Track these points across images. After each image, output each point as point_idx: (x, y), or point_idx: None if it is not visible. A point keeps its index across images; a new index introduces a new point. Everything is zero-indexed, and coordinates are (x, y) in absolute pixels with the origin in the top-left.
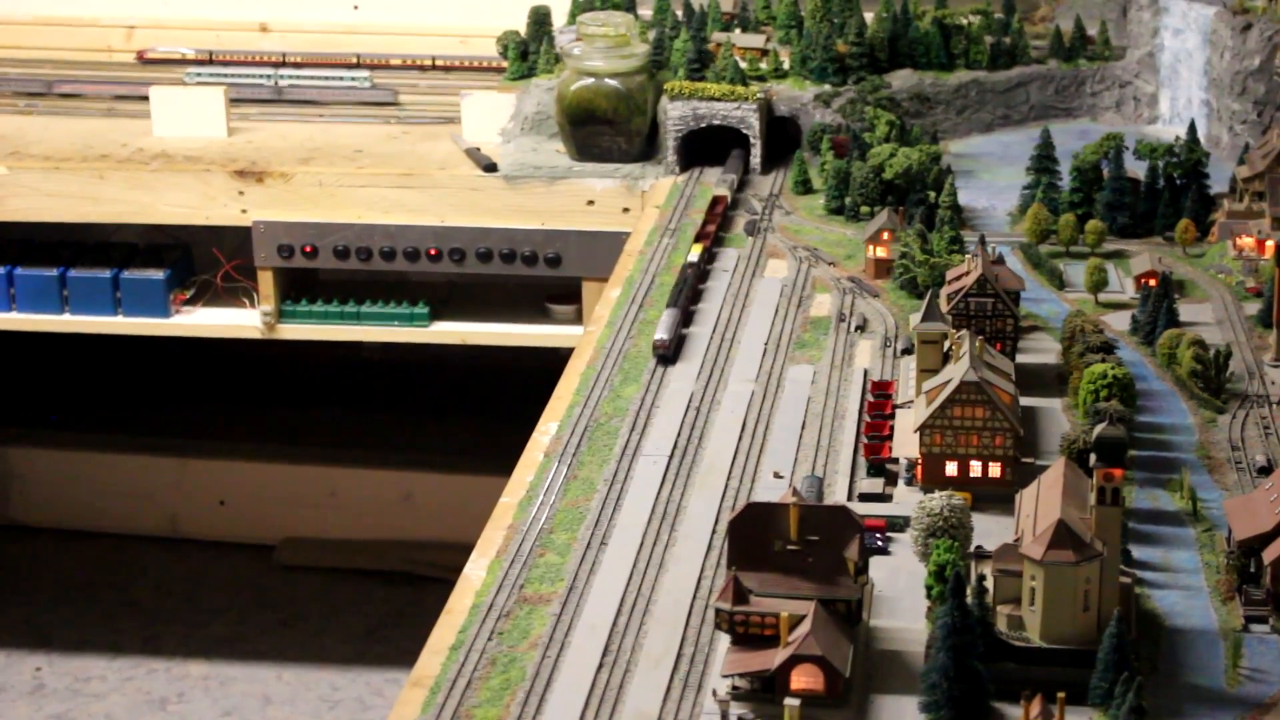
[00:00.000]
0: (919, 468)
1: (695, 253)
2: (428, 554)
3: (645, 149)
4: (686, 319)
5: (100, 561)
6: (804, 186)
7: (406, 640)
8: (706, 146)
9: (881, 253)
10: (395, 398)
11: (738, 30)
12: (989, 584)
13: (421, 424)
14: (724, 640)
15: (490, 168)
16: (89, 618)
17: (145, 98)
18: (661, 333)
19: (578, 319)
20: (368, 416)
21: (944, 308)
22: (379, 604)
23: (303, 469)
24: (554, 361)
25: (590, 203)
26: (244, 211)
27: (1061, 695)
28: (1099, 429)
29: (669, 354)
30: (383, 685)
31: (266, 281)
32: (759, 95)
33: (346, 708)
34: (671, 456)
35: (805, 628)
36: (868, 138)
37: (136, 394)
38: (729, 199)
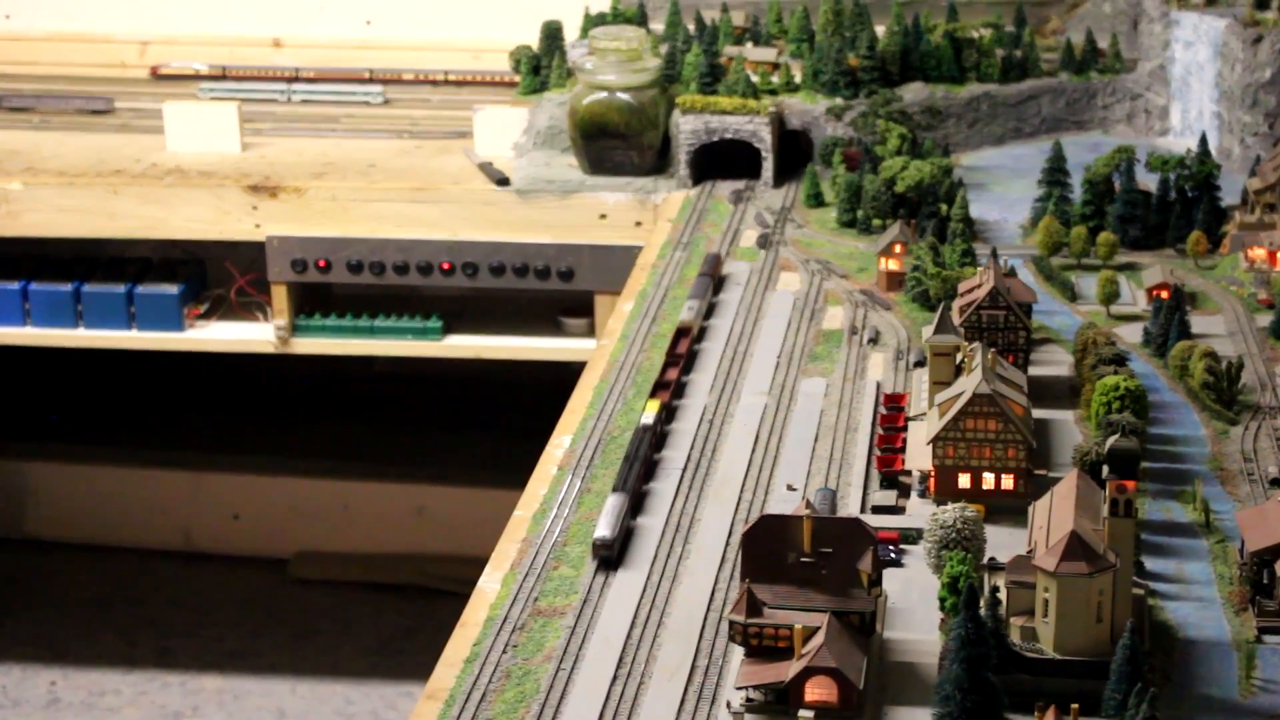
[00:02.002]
0: (932, 480)
1: (650, 412)
2: (441, 567)
3: (657, 162)
4: (636, 505)
5: (114, 576)
6: (816, 200)
7: (420, 653)
8: (718, 160)
9: (894, 265)
10: (408, 411)
11: (749, 44)
12: (1002, 596)
13: (434, 437)
14: (738, 652)
15: (503, 182)
16: (103, 632)
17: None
18: (603, 529)
19: (590, 332)
20: (381, 430)
21: (956, 320)
22: (392, 617)
23: (316, 483)
24: (567, 375)
25: (603, 216)
26: (258, 226)
27: (1075, 706)
28: (1111, 441)
29: (613, 555)
30: (396, 698)
31: (280, 296)
32: (771, 109)
33: None
34: (685, 469)
35: (819, 639)
36: (879, 151)
37: (150, 408)
38: (695, 330)
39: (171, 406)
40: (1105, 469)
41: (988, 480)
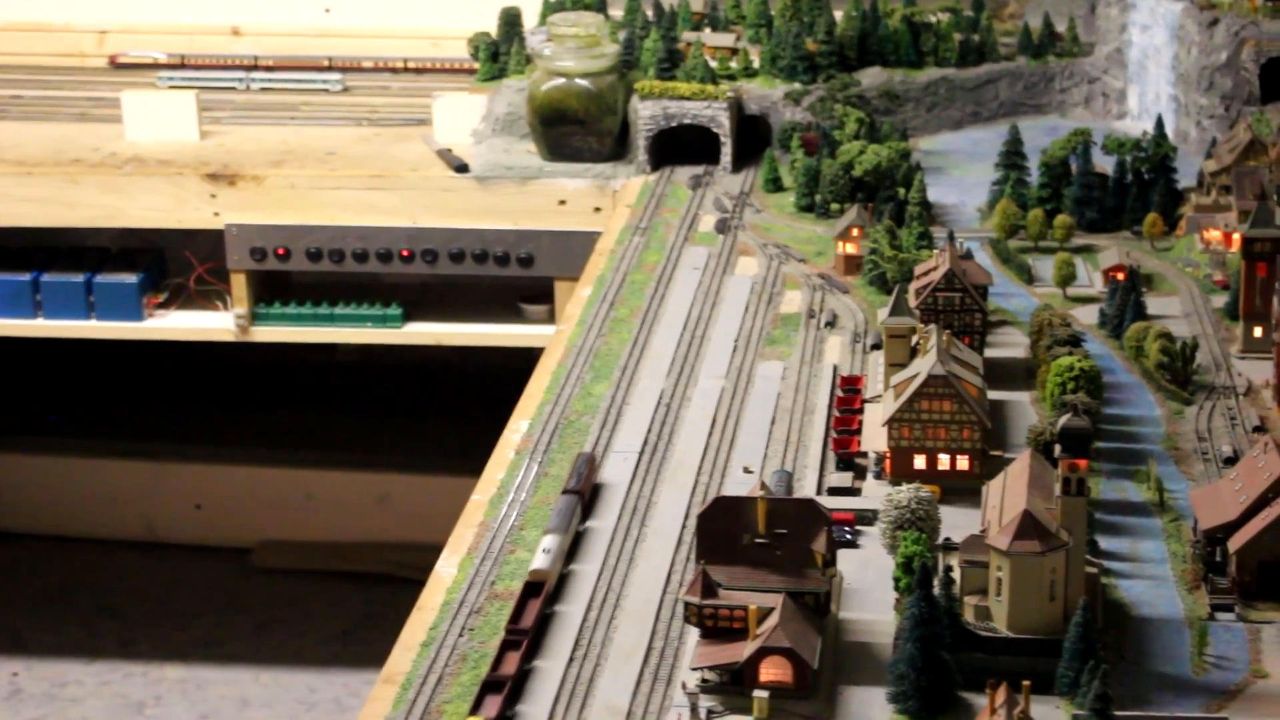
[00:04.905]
0: (887, 461)
1: None
2: (405, 555)
3: (616, 148)
4: None
5: (77, 566)
6: (774, 184)
7: (384, 641)
8: (677, 145)
9: (851, 249)
10: (370, 399)
11: (708, 29)
12: (956, 575)
13: (397, 425)
14: (694, 634)
15: (462, 169)
16: (66, 623)
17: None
18: None
19: (551, 319)
20: (343, 418)
21: (912, 303)
22: (356, 605)
23: (279, 472)
24: (529, 361)
25: (562, 202)
26: (216, 214)
27: (1026, 684)
28: (1063, 420)
29: None
30: (360, 686)
31: (239, 284)
32: (729, 94)
33: (324, 709)
34: (642, 453)
35: (773, 620)
36: (837, 135)
37: (111, 398)
38: (551, 586)
39: (132, 396)
40: (1057, 448)
41: (943, 461)
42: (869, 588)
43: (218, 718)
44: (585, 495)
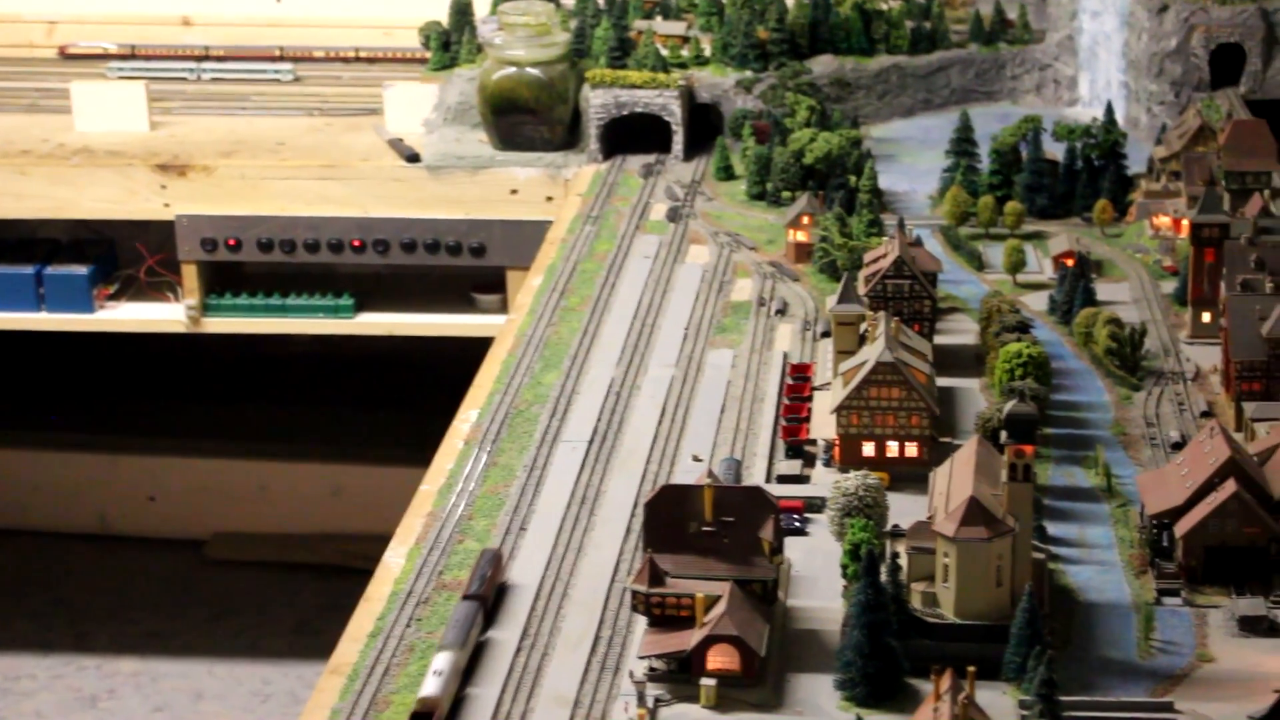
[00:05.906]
0: (836, 448)
1: None
2: (359, 546)
3: (568, 137)
4: None
5: (29, 559)
6: (726, 172)
7: (338, 633)
8: (629, 134)
9: (802, 237)
10: (323, 390)
11: (659, 18)
12: (903, 562)
13: (350, 416)
14: (642, 622)
15: (413, 158)
16: (18, 616)
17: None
18: None
19: (503, 308)
20: (296, 410)
21: (862, 290)
22: (310, 597)
23: (232, 463)
24: (481, 351)
25: (514, 192)
26: (167, 205)
27: (972, 669)
28: (1009, 406)
29: None
30: (314, 678)
31: (190, 275)
32: (680, 82)
33: (278, 701)
34: (591, 442)
35: (721, 608)
36: (788, 123)
37: (62, 390)
38: (444, 710)
39: (84, 388)
40: (1004, 434)
41: (892, 448)
42: (817, 575)
43: (172, 710)
44: (489, 601)
